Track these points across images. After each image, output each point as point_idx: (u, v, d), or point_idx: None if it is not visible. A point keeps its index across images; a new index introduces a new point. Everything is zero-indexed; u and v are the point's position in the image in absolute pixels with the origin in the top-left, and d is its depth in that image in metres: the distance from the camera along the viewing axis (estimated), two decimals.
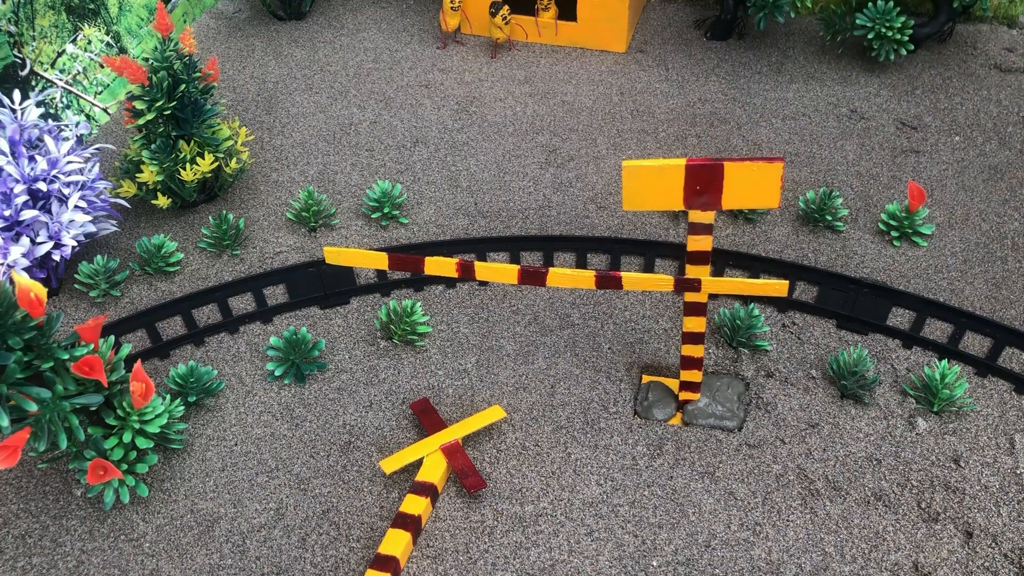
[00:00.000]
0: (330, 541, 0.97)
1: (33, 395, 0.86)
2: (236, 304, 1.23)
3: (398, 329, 1.16)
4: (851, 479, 0.99)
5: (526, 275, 0.94)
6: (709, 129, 1.49)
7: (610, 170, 1.43)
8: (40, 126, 1.24)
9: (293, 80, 1.68)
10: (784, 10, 1.61)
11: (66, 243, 1.18)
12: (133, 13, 1.64)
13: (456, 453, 1.01)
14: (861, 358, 1.05)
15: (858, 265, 1.22)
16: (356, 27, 1.83)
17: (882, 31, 1.52)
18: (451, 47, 1.75)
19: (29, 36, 1.43)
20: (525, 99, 1.59)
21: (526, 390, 1.11)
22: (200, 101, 1.30)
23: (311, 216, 1.33)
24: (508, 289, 1.24)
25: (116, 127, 1.59)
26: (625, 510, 0.97)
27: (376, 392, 1.12)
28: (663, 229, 1.30)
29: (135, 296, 1.25)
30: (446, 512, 0.99)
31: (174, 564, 0.96)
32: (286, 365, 1.13)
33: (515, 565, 0.93)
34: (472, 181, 1.42)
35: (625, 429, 1.05)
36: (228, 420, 1.10)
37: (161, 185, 1.31)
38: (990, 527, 0.93)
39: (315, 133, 1.54)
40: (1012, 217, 1.30)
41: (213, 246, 1.31)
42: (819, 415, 1.05)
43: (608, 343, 1.15)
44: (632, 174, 0.84)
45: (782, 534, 0.94)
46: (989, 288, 1.18)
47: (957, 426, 1.03)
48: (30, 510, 1.02)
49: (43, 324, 0.88)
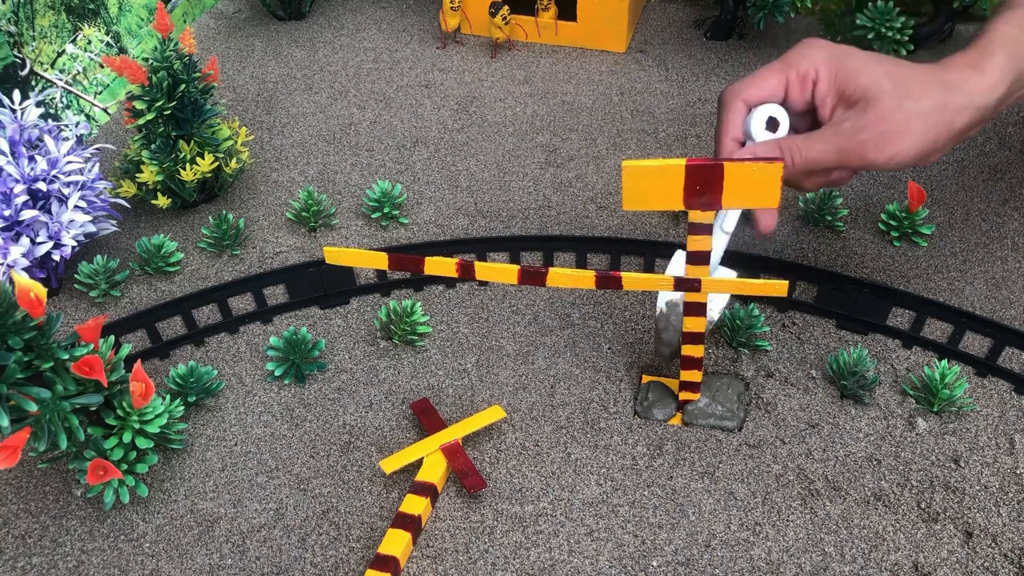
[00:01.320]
0: (330, 541, 0.97)
1: (33, 395, 0.86)
2: (236, 304, 1.23)
3: (398, 329, 1.16)
4: (851, 479, 0.99)
5: (526, 275, 0.94)
6: (709, 129, 1.49)
7: (610, 170, 1.43)
8: (40, 126, 1.24)
9: (293, 80, 1.68)
10: (784, 10, 1.61)
11: (66, 243, 1.18)
12: (133, 13, 1.64)
13: (456, 453, 1.01)
14: (861, 358, 1.05)
15: (858, 265, 1.22)
16: (356, 27, 1.83)
17: (882, 31, 1.52)
18: (451, 47, 1.75)
19: (29, 36, 1.43)
20: (525, 99, 1.59)
21: (526, 390, 1.11)
22: (200, 101, 1.30)
23: (311, 216, 1.33)
24: (508, 289, 1.24)
25: (116, 127, 1.59)
26: (625, 510, 0.97)
27: (376, 392, 1.12)
28: (663, 229, 1.30)
29: (135, 296, 1.25)
30: (446, 512, 0.99)
31: (174, 564, 0.96)
32: (286, 365, 1.13)
33: (515, 565, 0.93)
34: (472, 181, 1.42)
35: (625, 429, 1.05)
36: (228, 420, 1.10)
37: (161, 185, 1.31)
38: (990, 527, 0.93)
39: (315, 133, 1.54)
40: (1012, 217, 1.30)
41: (213, 246, 1.31)
42: (819, 415, 1.05)
43: (608, 343, 1.16)
44: (632, 174, 0.84)
45: (782, 534, 0.94)
46: (989, 288, 1.18)
47: (957, 426, 1.03)
48: (30, 510, 1.02)
49: (43, 324, 0.88)
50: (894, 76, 0.94)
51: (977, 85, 0.95)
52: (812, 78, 0.95)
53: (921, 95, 0.93)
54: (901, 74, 0.94)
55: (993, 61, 0.96)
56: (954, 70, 0.96)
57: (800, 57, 0.96)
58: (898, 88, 0.93)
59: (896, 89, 0.93)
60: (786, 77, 0.96)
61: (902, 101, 0.92)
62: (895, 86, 0.93)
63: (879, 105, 0.92)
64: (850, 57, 0.95)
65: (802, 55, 0.96)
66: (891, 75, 0.94)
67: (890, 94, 0.92)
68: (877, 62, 0.95)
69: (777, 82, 0.96)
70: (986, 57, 0.97)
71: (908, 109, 0.92)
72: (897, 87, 0.93)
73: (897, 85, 0.93)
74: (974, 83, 0.95)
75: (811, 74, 0.95)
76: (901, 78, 0.94)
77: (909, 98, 0.93)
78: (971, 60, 0.97)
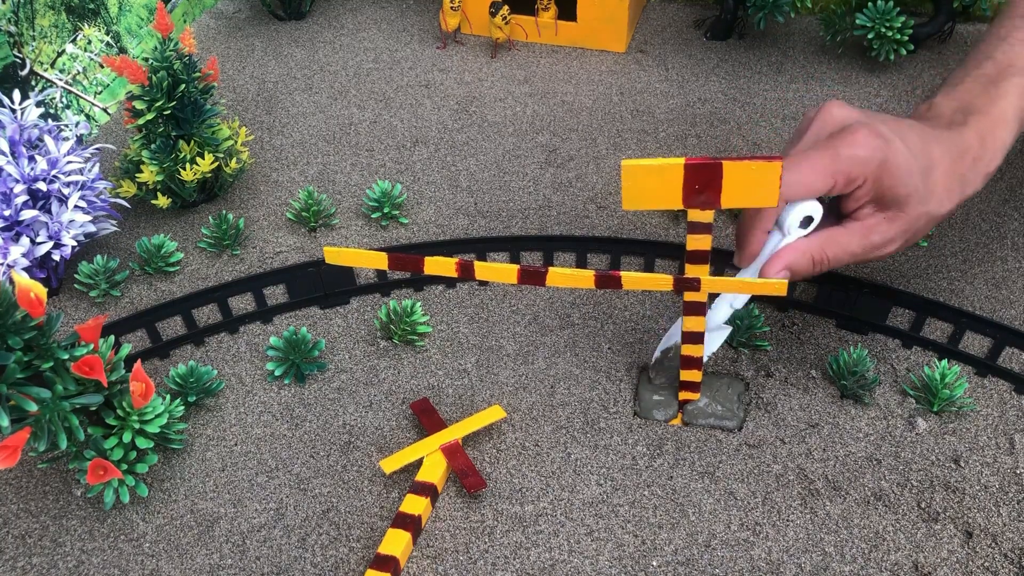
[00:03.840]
0: (330, 541, 0.97)
1: (33, 395, 0.86)
2: (236, 304, 1.23)
3: (398, 329, 1.16)
4: (851, 479, 0.99)
5: (526, 275, 0.94)
6: (709, 129, 1.49)
7: (610, 170, 1.43)
8: (40, 126, 1.24)
9: (293, 80, 1.68)
10: (784, 10, 1.61)
11: (66, 243, 1.18)
12: (133, 13, 1.64)
13: (456, 453, 1.01)
14: (861, 358, 1.05)
15: (858, 265, 1.22)
16: (356, 27, 1.83)
17: (882, 31, 1.53)
18: (451, 47, 1.75)
19: (29, 36, 1.43)
20: (525, 99, 1.59)
21: (526, 390, 1.11)
22: (200, 101, 1.31)
23: (311, 216, 1.33)
24: (508, 289, 1.24)
25: (116, 127, 1.59)
26: (625, 510, 0.97)
27: (376, 392, 1.12)
28: (663, 229, 1.30)
29: (135, 296, 1.25)
30: (446, 512, 0.99)
31: (174, 564, 0.96)
32: (286, 365, 1.13)
33: (515, 565, 0.93)
34: (472, 181, 1.42)
35: (625, 429, 1.05)
36: (228, 420, 1.10)
37: (161, 185, 1.31)
38: (990, 527, 0.93)
39: (315, 133, 1.54)
40: (1012, 217, 1.30)
41: (213, 246, 1.31)
42: (819, 415, 1.05)
43: (608, 343, 1.15)
44: (631, 173, 0.84)
45: (782, 534, 0.94)
46: (989, 288, 1.18)
47: (957, 426, 1.03)
48: (30, 510, 1.02)
49: (43, 324, 0.88)
50: (928, 172, 0.94)
51: (993, 144, 0.99)
52: (859, 183, 0.92)
53: (944, 198, 0.96)
54: (933, 168, 0.94)
55: (1007, 103, 0.99)
56: (972, 131, 0.98)
57: (853, 162, 0.91)
58: (928, 191, 0.94)
59: (927, 193, 0.94)
60: (835, 180, 0.91)
61: (928, 207, 0.95)
62: (926, 188, 0.94)
63: (909, 215, 0.94)
64: (897, 159, 0.91)
65: (856, 159, 0.91)
66: (926, 171, 0.93)
67: (921, 202, 0.94)
68: (915, 159, 0.92)
69: (824, 184, 0.91)
70: (1000, 99, 1.00)
71: (931, 216, 0.96)
72: (928, 188, 0.94)
73: (928, 186, 0.94)
74: (992, 145, 0.98)
75: (859, 180, 0.92)
76: (932, 176, 0.94)
77: (934, 201, 0.95)
78: (990, 112, 0.99)
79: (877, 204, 0.94)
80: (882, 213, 0.94)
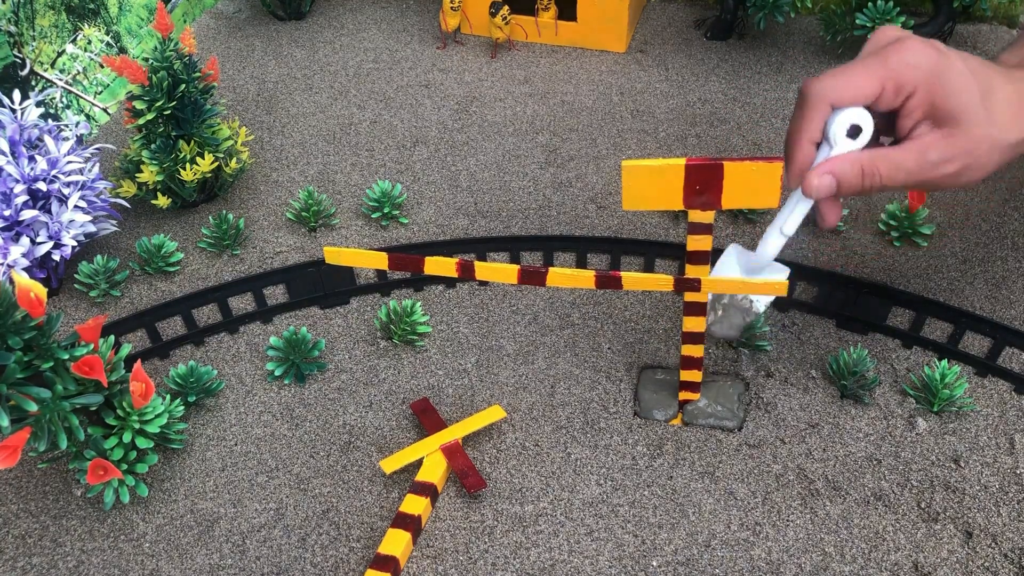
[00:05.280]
0: (330, 541, 0.97)
1: (33, 395, 0.86)
2: (236, 304, 1.23)
3: (398, 329, 1.16)
4: (851, 479, 0.99)
5: (526, 275, 0.94)
6: (709, 129, 1.49)
7: (610, 170, 1.43)
8: (40, 126, 1.24)
9: (293, 80, 1.68)
10: (784, 10, 1.61)
11: (66, 243, 1.18)
12: (133, 13, 1.64)
13: (456, 453, 1.01)
14: (861, 358, 1.05)
15: (858, 265, 1.22)
16: (356, 27, 1.83)
17: None
18: (451, 47, 1.75)
19: (29, 36, 1.43)
20: (525, 99, 1.59)
21: (526, 390, 1.11)
22: (200, 101, 1.31)
23: (311, 216, 1.33)
24: (508, 289, 1.24)
25: (116, 127, 1.59)
26: (625, 510, 0.97)
27: (376, 392, 1.12)
28: (663, 229, 1.30)
29: (135, 296, 1.25)
30: (446, 512, 0.99)
31: (174, 564, 0.96)
32: (286, 365, 1.13)
33: (515, 565, 0.93)
34: (472, 181, 1.42)
35: (625, 429, 1.05)
36: (228, 420, 1.10)
37: (161, 185, 1.31)
38: (990, 527, 0.93)
39: (315, 133, 1.54)
40: (1012, 217, 1.30)
41: (213, 246, 1.31)
42: (819, 415, 1.05)
43: (608, 343, 1.16)
44: (632, 174, 0.84)
45: (782, 534, 0.94)
46: (989, 288, 1.18)
47: (957, 426, 1.03)
48: (30, 510, 1.02)
49: (43, 324, 0.88)
50: (988, 94, 0.88)
51: None
52: (909, 91, 0.86)
53: (1010, 124, 0.89)
54: (993, 91, 0.89)
55: None
56: None
57: (903, 65, 0.86)
58: (989, 113, 0.88)
59: (987, 115, 0.88)
60: (883, 85, 0.86)
61: (990, 130, 0.88)
62: (987, 110, 0.88)
63: (969, 135, 0.88)
64: (951, 71, 0.86)
65: (905, 63, 0.86)
66: (985, 93, 0.88)
67: (981, 123, 0.87)
68: (973, 76, 0.87)
69: (872, 89, 0.86)
70: None
71: (994, 141, 0.88)
72: (988, 111, 0.88)
73: (988, 108, 0.88)
74: None
75: (909, 87, 0.86)
76: (993, 99, 0.88)
77: (996, 126, 0.88)
78: None
79: (933, 120, 0.88)
80: (939, 130, 0.88)
